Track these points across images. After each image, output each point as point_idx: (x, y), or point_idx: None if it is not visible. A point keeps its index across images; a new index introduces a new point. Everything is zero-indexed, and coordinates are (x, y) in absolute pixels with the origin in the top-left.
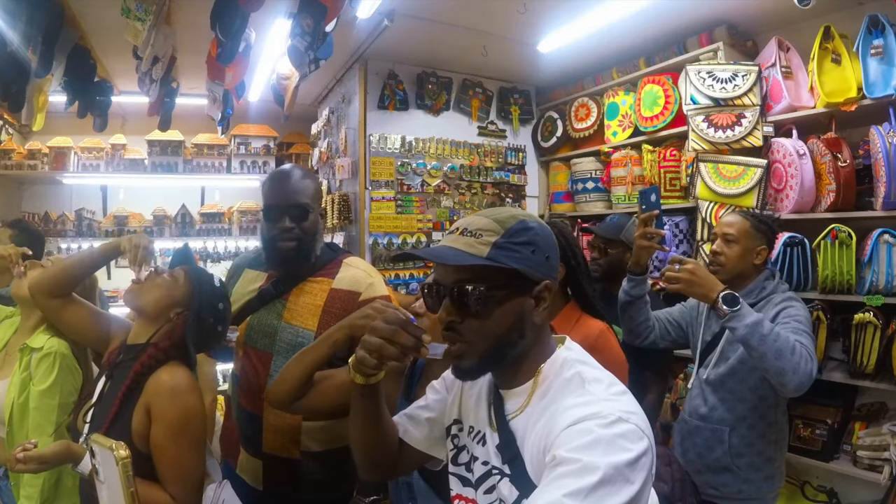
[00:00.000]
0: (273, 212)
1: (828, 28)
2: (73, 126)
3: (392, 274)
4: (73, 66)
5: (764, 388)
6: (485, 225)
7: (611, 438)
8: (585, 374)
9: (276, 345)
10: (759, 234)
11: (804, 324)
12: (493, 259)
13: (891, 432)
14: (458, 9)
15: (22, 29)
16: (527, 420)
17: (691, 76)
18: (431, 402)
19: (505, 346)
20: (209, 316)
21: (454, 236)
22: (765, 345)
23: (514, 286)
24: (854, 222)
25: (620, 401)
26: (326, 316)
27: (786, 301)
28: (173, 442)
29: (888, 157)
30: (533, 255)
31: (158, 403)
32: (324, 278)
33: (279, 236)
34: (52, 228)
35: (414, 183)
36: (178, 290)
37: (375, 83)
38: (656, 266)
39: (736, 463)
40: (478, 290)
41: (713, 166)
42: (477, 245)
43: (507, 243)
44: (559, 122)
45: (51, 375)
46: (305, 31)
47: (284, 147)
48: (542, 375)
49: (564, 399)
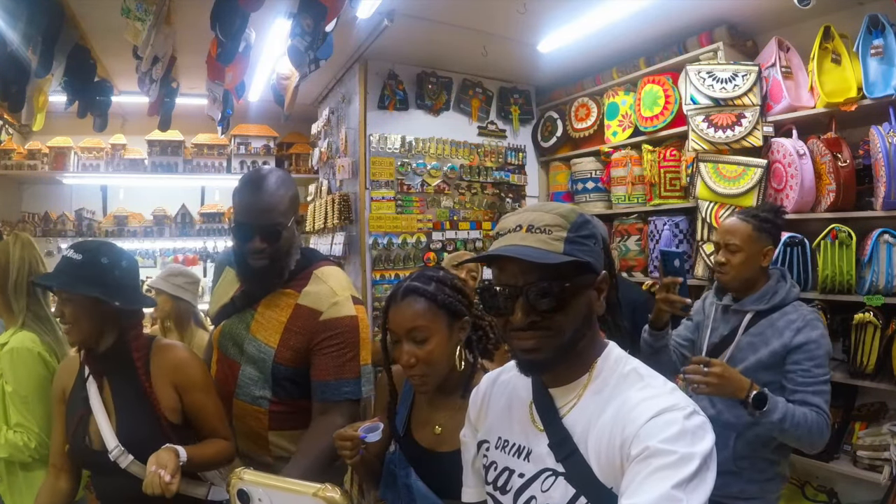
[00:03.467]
0: (244, 230)
1: (828, 28)
2: (73, 126)
3: (392, 274)
4: (73, 66)
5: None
6: (551, 221)
7: (694, 429)
8: (641, 371)
9: (243, 355)
10: (762, 234)
11: (823, 366)
12: (570, 254)
13: (891, 432)
14: (458, 9)
15: (22, 29)
16: (584, 415)
17: (691, 76)
18: (469, 448)
19: (579, 338)
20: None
21: (520, 234)
22: (792, 432)
23: (585, 279)
24: (854, 222)
25: (680, 394)
26: (287, 334)
27: (808, 328)
28: (208, 397)
29: (888, 157)
30: (594, 247)
31: (183, 374)
32: (292, 291)
33: (251, 256)
34: (52, 228)
35: (414, 183)
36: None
37: (375, 83)
38: (655, 266)
39: (739, 465)
40: (561, 286)
41: (713, 166)
42: (551, 242)
43: (576, 237)
44: (559, 122)
45: (14, 372)
46: (305, 31)
47: (284, 147)
48: (597, 370)
49: (629, 392)
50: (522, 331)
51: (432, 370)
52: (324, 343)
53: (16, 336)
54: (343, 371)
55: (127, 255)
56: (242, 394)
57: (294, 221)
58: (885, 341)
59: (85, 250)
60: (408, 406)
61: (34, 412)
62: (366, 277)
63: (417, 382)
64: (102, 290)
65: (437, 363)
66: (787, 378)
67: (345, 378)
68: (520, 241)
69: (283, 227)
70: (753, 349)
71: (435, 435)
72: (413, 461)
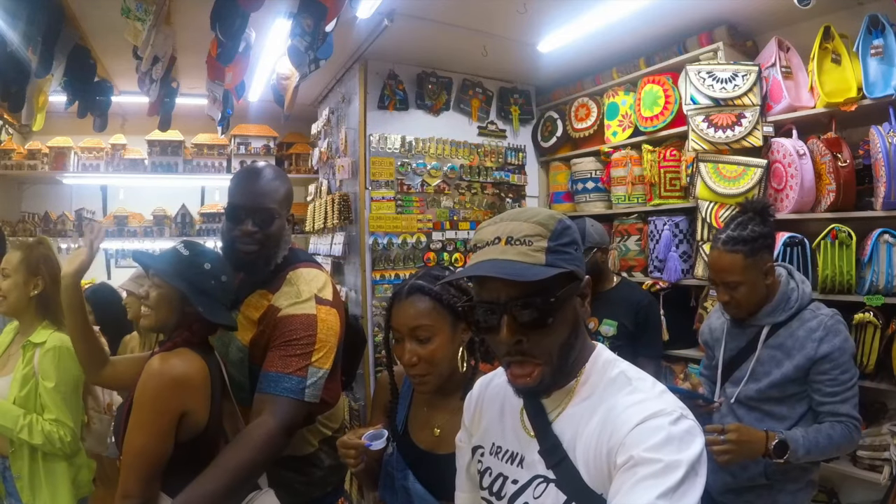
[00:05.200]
0: (237, 212)
1: (828, 28)
2: (73, 126)
3: (392, 274)
4: (73, 66)
5: (802, 406)
6: (530, 231)
7: (681, 435)
8: (629, 373)
9: (229, 354)
10: (757, 256)
11: (850, 370)
12: (554, 265)
13: (891, 432)
14: (458, 9)
15: (22, 29)
16: (573, 421)
17: (691, 76)
18: (464, 454)
19: (569, 351)
20: (205, 287)
21: (500, 247)
22: (820, 456)
23: (569, 288)
24: (854, 222)
25: (669, 397)
26: (258, 333)
27: (830, 336)
28: (135, 431)
29: (888, 157)
30: (576, 253)
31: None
32: (268, 292)
33: (240, 239)
34: (52, 228)
35: (414, 183)
36: (169, 292)
37: (375, 83)
38: (656, 266)
39: (771, 478)
40: (546, 301)
41: (713, 166)
42: (532, 254)
43: (558, 246)
44: (559, 122)
45: (56, 369)
46: (305, 31)
47: (284, 147)
48: (585, 375)
49: (616, 398)
50: (511, 355)
51: (434, 370)
52: (276, 337)
53: (54, 335)
54: (287, 365)
55: (228, 272)
56: (235, 395)
57: (287, 216)
58: (885, 341)
59: (193, 250)
60: (406, 407)
61: (71, 408)
62: (365, 277)
63: (418, 382)
64: (193, 289)
65: (439, 363)
66: (813, 389)
67: (287, 373)
68: (499, 255)
69: (276, 213)
70: (777, 363)
71: (434, 436)
72: (411, 463)
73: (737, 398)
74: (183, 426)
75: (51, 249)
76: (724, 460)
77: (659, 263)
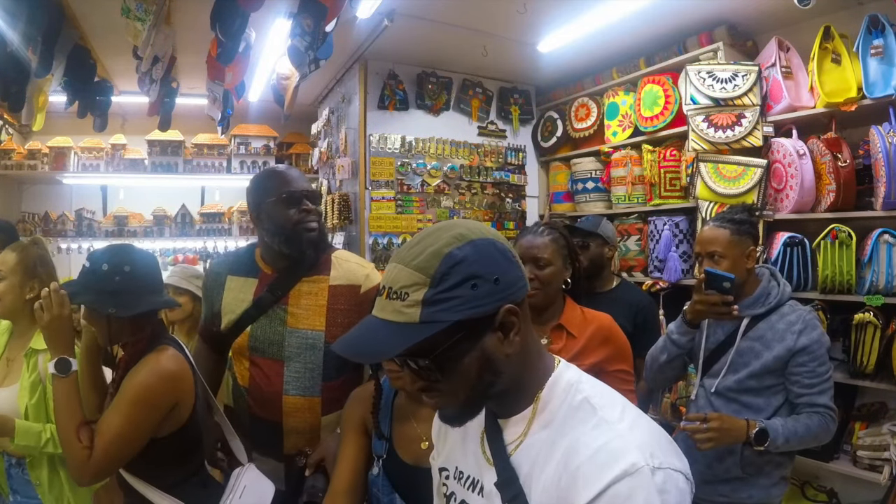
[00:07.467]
0: (294, 196)
1: (828, 28)
2: (73, 126)
3: None
4: (73, 66)
5: (778, 398)
6: (407, 280)
7: (659, 491)
8: (594, 400)
9: (286, 350)
10: (743, 237)
11: (826, 363)
12: (429, 320)
13: (891, 432)
14: (458, 9)
15: (22, 29)
16: (531, 455)
17: (691, 76)
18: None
19: (483, 391)
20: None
21: (381, 301)
22: (797, 446)
23: (467, 333)
24: (854, 222)
25: (639, 433)
26: (332, 314)
27: (808, 329)
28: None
29: (888, 157)
30: (475, 290)
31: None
32: (319, 276)
33: (306, 219)
34: (52, 228)
35: (414, 183)
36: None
37: (375, 83)
38: (656, 266)
39: (747, 471)
40: (424, 362)
41: (713, 166)
42: (405, 311)
43: (438, 295)
44: (559, 122)
45: None
46: (305, 31)
47: (284, 147)
48: (542, 402)
49: (578, 432)
50: (420, 392)
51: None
52: None
53: None
54: None
55: (132, 260)
56: (293, 389)
57: None
58: (885, 341)
59: (91, 258)
60: (388, 424)
61: None
62: None
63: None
64: (96, 297)
65: None
66: (791, 381)
67: None
68: (378, 313)
69: (318, 193)
70: (756, 354)
71: (422, 450)
72: (398, 482)
73: (715, 389)
74: (168, 419)
75: (46, 250)
76: (707, 447)
77: (659, 263)
